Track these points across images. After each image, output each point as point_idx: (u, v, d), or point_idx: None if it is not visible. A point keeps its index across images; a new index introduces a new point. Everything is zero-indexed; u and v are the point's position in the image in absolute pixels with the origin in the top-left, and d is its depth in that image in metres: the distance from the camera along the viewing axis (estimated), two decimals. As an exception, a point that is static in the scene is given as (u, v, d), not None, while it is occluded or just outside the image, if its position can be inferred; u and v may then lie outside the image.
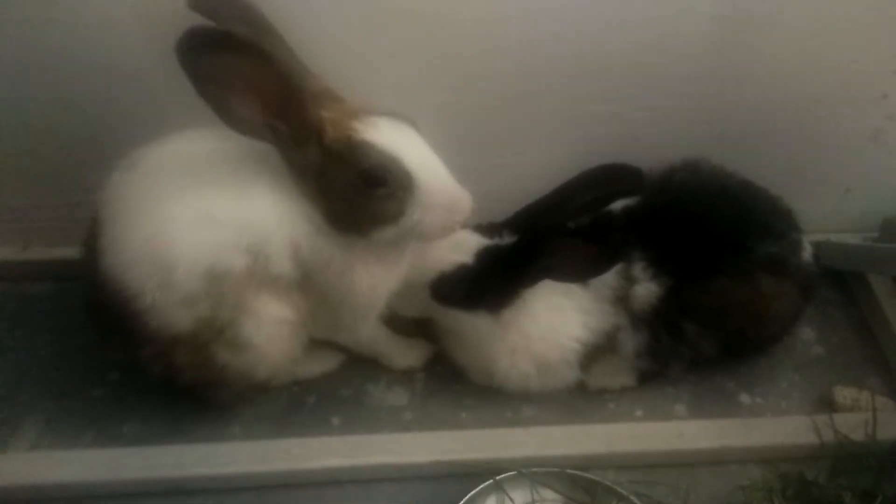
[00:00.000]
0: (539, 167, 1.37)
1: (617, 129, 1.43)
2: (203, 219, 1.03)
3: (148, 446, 1.24)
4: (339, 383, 1.38)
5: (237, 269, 1.05)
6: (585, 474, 1.19)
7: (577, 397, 1.37)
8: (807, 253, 1.33)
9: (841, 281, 1.60)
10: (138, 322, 1.08)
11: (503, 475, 1.18)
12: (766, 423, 1.34)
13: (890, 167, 1.54)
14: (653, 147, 1.35)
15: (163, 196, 1.04)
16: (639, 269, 1.26)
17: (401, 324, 1.37)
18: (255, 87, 0.95)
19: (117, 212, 1.07)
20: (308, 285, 1.12)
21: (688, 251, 1.26)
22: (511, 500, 1.16)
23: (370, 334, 1.30)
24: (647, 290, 1.26)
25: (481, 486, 1.16)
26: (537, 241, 1.20)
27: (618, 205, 1.29)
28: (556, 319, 1.27)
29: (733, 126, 1.45)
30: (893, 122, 1.46)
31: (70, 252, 1.45)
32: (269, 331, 1.13)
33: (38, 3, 1.18)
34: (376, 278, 1.15)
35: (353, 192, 1.04)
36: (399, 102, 1.28)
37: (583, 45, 1.31)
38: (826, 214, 1.58)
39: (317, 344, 1.29)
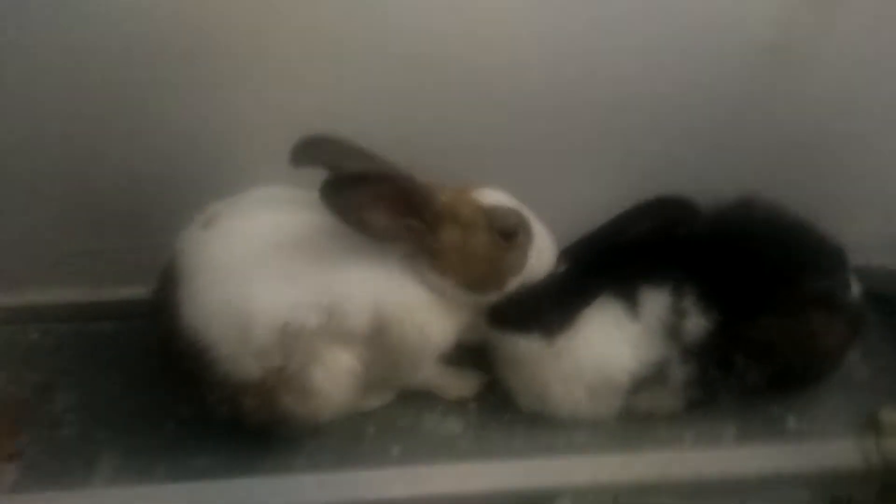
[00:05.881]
0: (590, 203, 1.41)
1: (658, 162, 1.46)
2: (283, 279, 1.12)
3: (220, 479, 1.30)
4: (396, 413, 1.43)
5: (311, 326, 1.13)
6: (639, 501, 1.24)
7: (627, 423, 1.41)
8: (856, 289, 1.36)
9: (883, 304, 1.61)
10: (209, 369, 1.15)
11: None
12: (815, 448, 1.37)
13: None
14: (697, 178, 1.39)
15: (245, 255, 1.13)
16: (690, 303, 1.29)
17: (453, 354, 1.41)
18: (386, 202, 1.12)
19: (199, 266, 1.14)
20: (377, 339, 1.20)
21: (739, 286, 1.29)
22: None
23: (427, 373, 1.36)
24: (697, 324, 1.29)
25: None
26: (591, 266, 1.29)
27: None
28: (608, 350, 1.32)
29: (772, 153, 1.48)
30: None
31: (135, 291, 1.54)
32: (336, 380, 1.20)
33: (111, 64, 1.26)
34: (448, 331, 1.23)
35: (494, 249, 1.21)
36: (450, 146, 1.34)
37: (622, 85, 1.36)
38: (867, 238, 1.60)
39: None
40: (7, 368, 1.52)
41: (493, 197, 1.25)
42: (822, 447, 1.37)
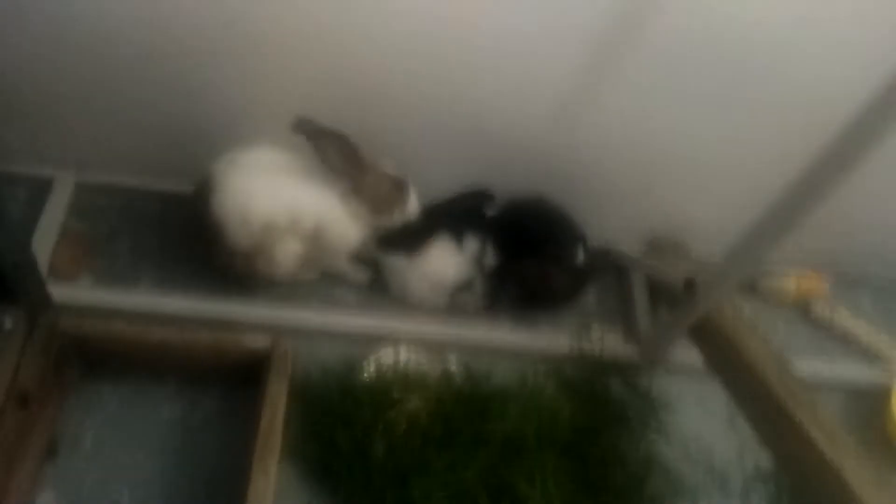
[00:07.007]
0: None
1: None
2: (271, 196, 1.98)
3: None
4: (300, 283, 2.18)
5: (281, 225, 2.00)
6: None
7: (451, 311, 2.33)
8: (580, 257, 2.18)
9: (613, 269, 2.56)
10: (222, 241, 1.91)
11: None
12: (550, 336, 2.26)
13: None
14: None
15: (252, 181, 1.99)
16: (489, 247, 2.26)
17: (355, 255, 2.28)
18: (342, 153, 1.89)
19: (225, 184, 1.90)
20: (315, 237, 2.01)
21: (516, 243, 2.24)
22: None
23: (342, 262, 2.30)
24: (491, 260, 2.26)
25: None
26: (436, 217, 2.24)
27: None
28: (443, 266, 2.27)
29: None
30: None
31: (172, 185, 2.37)
32: (287, 259, 1.98)
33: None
34: (356, 238, 2.16)
35: (391, 194, 2.04)
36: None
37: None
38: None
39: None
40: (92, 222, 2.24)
41: (391, 166, 2.01)
42: (552, 336, 2.20)
